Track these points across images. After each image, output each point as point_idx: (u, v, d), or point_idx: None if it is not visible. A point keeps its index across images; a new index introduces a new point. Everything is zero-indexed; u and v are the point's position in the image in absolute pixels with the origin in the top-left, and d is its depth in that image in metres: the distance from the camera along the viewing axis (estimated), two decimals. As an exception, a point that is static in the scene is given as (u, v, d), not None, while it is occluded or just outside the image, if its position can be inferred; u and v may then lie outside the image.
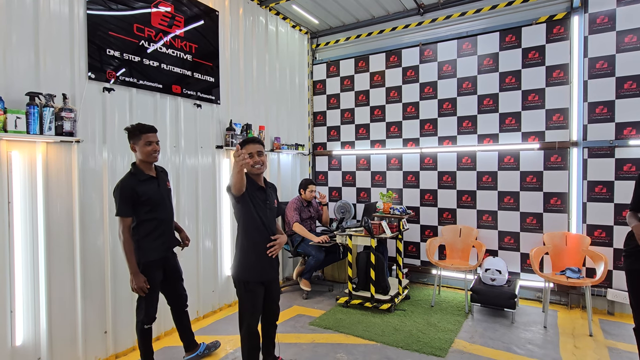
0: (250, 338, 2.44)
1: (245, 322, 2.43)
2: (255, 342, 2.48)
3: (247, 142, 2.45)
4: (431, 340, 3.28)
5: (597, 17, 3.85)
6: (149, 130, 2.57)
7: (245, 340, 2.45)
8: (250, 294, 2.43)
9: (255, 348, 2.48)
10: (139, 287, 2.51)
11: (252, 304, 2.44)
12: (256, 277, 2.44)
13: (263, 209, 2.46)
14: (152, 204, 2.59)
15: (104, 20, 2.96)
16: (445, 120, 4.68)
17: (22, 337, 2.50)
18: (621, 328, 3.52)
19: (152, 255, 2.61)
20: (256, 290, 2.44)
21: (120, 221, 2.50)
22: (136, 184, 2.52)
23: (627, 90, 3.74)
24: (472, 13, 4.50)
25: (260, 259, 2.45)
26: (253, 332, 2.45)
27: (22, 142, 2.49)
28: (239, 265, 2.45)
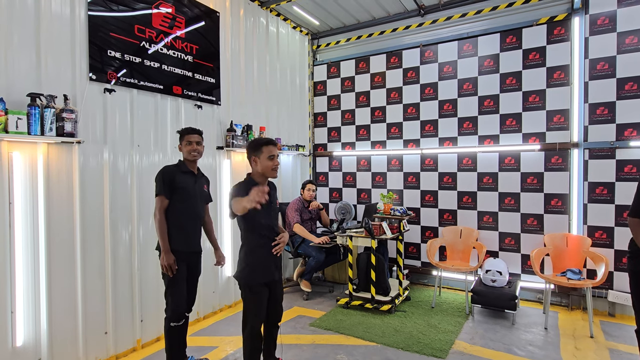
0: (253, 339, 2.44)
1: (249, 324, 2.42)
2: (257, 343, 2.47)
3: (268, 143, 2.40)
4: (431, 341, 3.27)
5: (597, 19, 3.85)
6: (191, 131, 2.79)
7: (248, 342, 2.44)
8: (256, 296, 2.42)
9: (258, 349, 2.48)
10: (168, 264, 2.58)
11: (256, 306, 2.43)
12: (261, 279, 2.43)
13: (267, 211, 2.43)
14: (184, 195, 2.70)
15: (105, 21, 2.96)
16: (446, 121, 4.68)
17: (23, 337, 2.50)
18: (622, 329, 3.52)
19: (175, 245, 2.65)
20: (261, 292, 2.43)
21: (158, 201, 2.64)
22: (177, 172, 2.72)
23: (627, 91, 3.74)
24: (472, 14, 4.50)
25: (265, 260, 2.45)
26: (256, 333, 2.45)
27: (23, 143, 2.49)
28: (244, 268, 2.43)
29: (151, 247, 3.31)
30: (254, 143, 2.43)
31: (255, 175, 2.45)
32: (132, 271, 3.17)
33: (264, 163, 2.37)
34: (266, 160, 2.37)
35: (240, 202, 2.11)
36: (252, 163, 2.44)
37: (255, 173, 2.46)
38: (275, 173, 2.42)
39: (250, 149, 2.43)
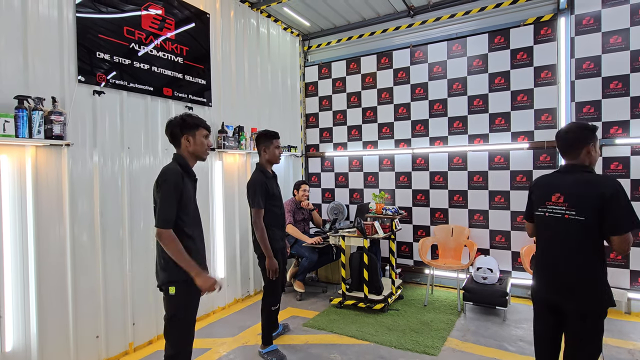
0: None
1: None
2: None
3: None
4: (424, 339, 3.30)
5: (583, 19, 3.92)
6: (277, 136, 3.13)
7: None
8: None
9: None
10: (274, 269, 2.93)
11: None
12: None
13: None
14: (275, 198, 3.06)
15: (93, 23, 2.95)
16: (436, 121, 4.72)
17: (12, 342, 2.47)
18: (610, 324, 3.57)
19: (274, 245, 2.99)
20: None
21: (257, 213, 2.92)
22: (265, 179, 3.01)
23: (613, 90, 3.81)
24: (461, 15, 4.55)
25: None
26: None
27: (10, 146, 2.47)
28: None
29: (142, 250, 3.30)
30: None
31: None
32: (123, 274, 3.15)
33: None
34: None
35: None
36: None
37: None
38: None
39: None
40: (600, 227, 1.82)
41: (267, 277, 3.02)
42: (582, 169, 1.96)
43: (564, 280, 1.92)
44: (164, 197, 1.98)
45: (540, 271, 2.04)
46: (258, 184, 2.94)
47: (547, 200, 1.97)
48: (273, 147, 3.09)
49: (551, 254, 1.97)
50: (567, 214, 1.89)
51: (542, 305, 2.03)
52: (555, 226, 1.94)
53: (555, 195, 1.94)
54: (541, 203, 2.01)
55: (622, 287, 3.81)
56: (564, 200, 1.91)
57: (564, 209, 1.90)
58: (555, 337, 1.99)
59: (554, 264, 1.95)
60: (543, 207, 2.00)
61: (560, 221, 1.92)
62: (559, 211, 1.92)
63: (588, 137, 1.94)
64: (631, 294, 3.76)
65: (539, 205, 2.02)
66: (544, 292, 2.01)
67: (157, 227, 1.97)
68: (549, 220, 1.97)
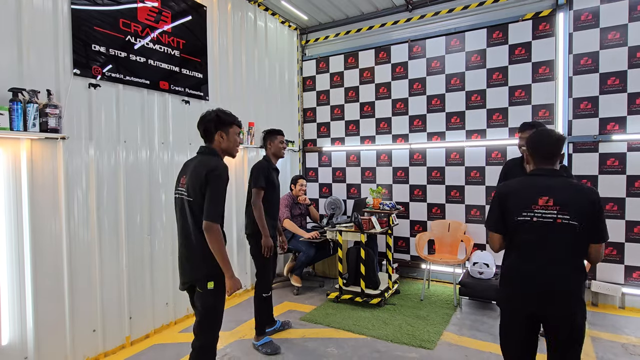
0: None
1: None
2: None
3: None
4: (420, 333, 3.32)
5: (581, 14, 3.91)
6: (281, 132, 3.35)
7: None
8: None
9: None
10: (270, 246, 3.05)
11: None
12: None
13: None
14: (274, 188, 3.20)
15: (89, 15, 2.91)
16: (434, 116, 4.72)
17: (8, 336, 2.47)
18: (605, 319, 3.61)
19: (271, 230, 3.13)
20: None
21: (257, 192, 3.08)
22: (270, 167, 3.20)
23: (610, 86, 3.82)
24: (459, 10, 4.53)
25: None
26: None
27: (5, 139, 2.44)
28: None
29: (139, 243, 3.29)
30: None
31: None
32: (119, 268, 3.14)
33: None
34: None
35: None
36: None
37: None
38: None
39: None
40: (586, 233, 1.79)
41: (260, 263, 3.15)
42: (563, 174, 1.90)
43: (551, 287, 1.80)
44: (219, 192, 2.01)
45: (518, 279, 1.87)
46: (263, 168, 3.15)
47: (533, 203, 1.82)
48: (277, 141, 3.31)
49: (535, 261, 1.83)
50: (560, 218, 1.77)
51: (519, 314, 1.88)
52: (543, 231, 1.80)
53: (543, 199, 1.80)
54: (525, 207, 1.83)
55: (616, 282, 3.84)
56: (554, 204, 1.78)
57: (556, 212, 1.78)
58: (534, 340, 1.92)
59: (539, 270, 1.82)
60: (529, 211, 1.82)
61: (551, 226, 1.79)
62: (550, 215, 1.78)
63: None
64: (625, 288, 3.79)
65: (524, 210, 1.83)
66: (522, 302, 1.86)
67: (209, 220, 1.97)
68: (536, 225, 1.81)
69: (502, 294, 1.98)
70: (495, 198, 1.96)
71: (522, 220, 1.84)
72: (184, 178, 2.16)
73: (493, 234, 1.97)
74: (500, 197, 1.94)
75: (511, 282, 1.91)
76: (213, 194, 1.99)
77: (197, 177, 2.04)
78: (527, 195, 1.85)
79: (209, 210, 1.98)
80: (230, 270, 2.06)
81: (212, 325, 2.16)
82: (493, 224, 1.95)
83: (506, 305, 1.96)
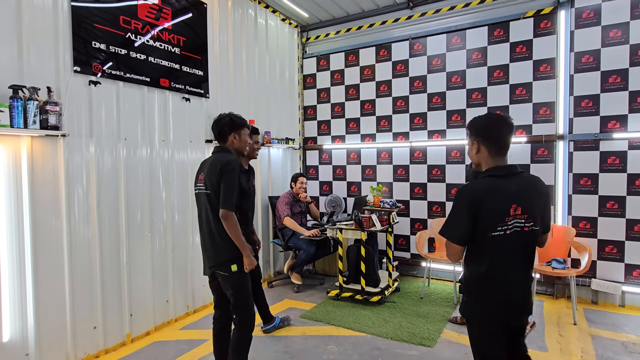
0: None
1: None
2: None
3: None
4: (420, 331, 3.33)
5: (583, 12, 3.90)
6: (255, 131, 2.98)
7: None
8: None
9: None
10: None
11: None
12: None
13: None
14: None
15: (89, 12, 2.91)
16: (435, 114, 4.71)
17: (9, 333, 2.48)
18: (604, 317, 3.62)
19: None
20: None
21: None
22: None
23: (611, 84, 3.81)
24: (461, 7, 4.52)
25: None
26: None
27: (5, 136, 2.44)
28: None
29: (139, 240, 3.29)
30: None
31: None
32: (120, 265, 3.15)
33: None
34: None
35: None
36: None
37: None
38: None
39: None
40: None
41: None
42: (517, 171, 1.72)
43: (527, 295, 1.74)
44: (231, 183, 2.24)
45: (497, 292, 1.71)
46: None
47: (507, 216, 1.63)
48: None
49: (510, 271, 1.70)
50: (527, 226, 1.66)
51: (499, 328, 1.74)
52: (514, 241, 1.66)
53: (512, 208, 1.63)
54: (500, 220, 1.63)
55: (616, 280, 3.84)
56: (522, 212, 1.64)
57: (523, 221, 1.65)
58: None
59: (517, 281, 1.72)
60: (503, 224, 1.63)
61: (520, 235, 1.66)
62: (519, 224, 1.65)
63: None
64: (625, 287, 3.80)
65: (498, 224, 1.63)
66: (504, 315, 1.74)
67: (225, 208, 2.21)
68: (510, 237, 1.65)
69: (479, 310, 1.76)
70: (462, 206, 1.67)
71: (497, 234, 1.64)
72: (201, 175, 2.39)
73: (454, 245, 1.68)
74: (469, 207, 1.65)
75: (486, 296, 1.73)
76: (227, 185, 2.23)
77: (213, 171, 2.27)
78: (501, 206, 1.64)
79: (224, 200, 2.22)
80: (247, 250, 2.32)
81: (244, 301, 2.40)
82: (459, 237, 1.67)
83: (483, 322, 1.76)
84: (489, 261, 1.68)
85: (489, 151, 1.71)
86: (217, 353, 2.54)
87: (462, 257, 1.74)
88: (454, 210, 1.71)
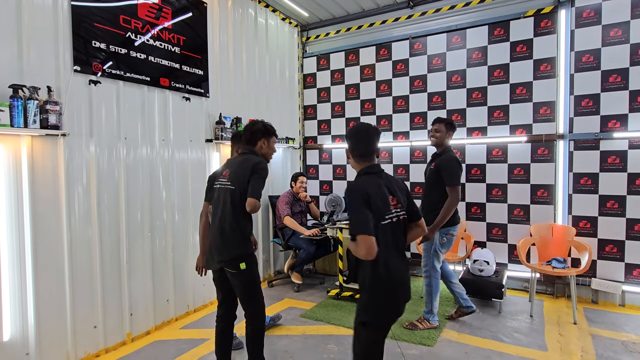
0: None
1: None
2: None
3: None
4: (421, 330, 3.32)
5: (583, 11, 3.89)
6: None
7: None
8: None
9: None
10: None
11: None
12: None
13: None
14: None
15: (89, 11, 2.90)
16: (435, 113, 4.69)
17: (10, 332, 2.48)
18: (604, 316, 3.62)
19: None
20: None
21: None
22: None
23: (611, 83, 3.80)
24: (461, 6, 4.51)
25: None
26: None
27: (6, 136, 2.44)
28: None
29: (139, 240, 3.29)
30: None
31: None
32: (120, 264, 3.15)
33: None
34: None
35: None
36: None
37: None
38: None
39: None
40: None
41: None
42: (382, 169, 1.98)
43: (408, 285, 1.93)
44: (261, 179, 2.38)
45: (393, 287, 1.82)
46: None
47: (390, 204, 1.84)
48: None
49: (397, 264, 1.82)
50: (401, 214, 1.88)
51: (387, 325, 1.89)
52: (394, 232, 1.83)
53: (390, 198, 1.85)
54: (387, 210, 1.80)
55: (616, 279, 3.84)
56: (397, 202, 1.87)
57: (399, 210, 1.87)
58: None
59: (402, 271, 1.85)
60: (389, 213, 1.82)
61: (397, 224, 1.84)
62: (397, 214, 1.86)
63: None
64: (625, 286, 3.80)
65: (385, 213, 1.79)
66: (398, 310, 1.88)
67: (255, 197, 2.31)
68: (394, 225, 1.82)
69: (375, 307, 1.83)
70: (360, 201, 1.76)
71: (385, 224, 1.79)
72: (226, 172, 2.49)
73: (368, 237, 1.68)
74: (364, 200, 1.76)
75: (385, 293, 1.81)
76: (257, 181, 2.35)
77: (244, 169, 2.39)
78: (384, 197, 1.83)
79: (254, 191, 2.32)
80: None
81: (254, 297, 2.47)
82: (368, 227, 1.69)
83: (379, 322, 1.85)
84: (382, 250, 1.76)
85: (359, 155, 1.95)
86: (219, 351, 2.56)
87: (377, 248, 1.72)
88: (354, 209, 1.78)
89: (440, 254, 3.35)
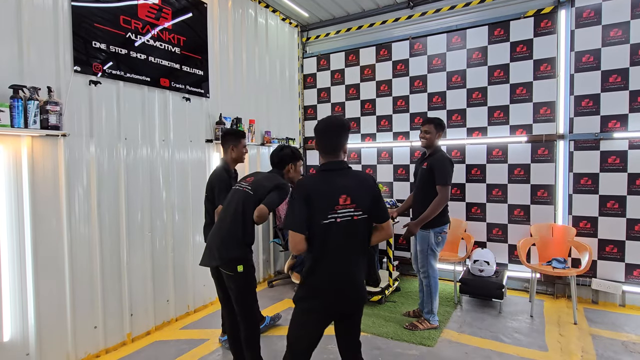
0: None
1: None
2: None
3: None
4: (421, 330, 3.32)
5: (583, 11, 3.89)
6: (244, 135, 3.13)
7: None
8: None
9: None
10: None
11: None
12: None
13: None
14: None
15: (89, 11, 2.91)
16: (435, 113, 4.69)
17: (10, 333, 2.48)
18: (604, 316, 3.62)
19: None
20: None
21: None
22: (229, 178, 2.98)
23: (612, 83, 3.80)
24: (461, 7, 4.52)
25: None
26: None
27: (6, 136, 2.44)
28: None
29: (140, 240, 3.30)
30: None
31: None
32: (120, 265, 3.15)
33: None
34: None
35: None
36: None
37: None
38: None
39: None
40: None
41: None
42: (347, 166, 1.96)
43: (359, 285, 1.92)
44: (280, 197, 2.43)
45: (331, 284, 1.86)
46: (224, 180, 2.91)
47: (336, 204, 1.82)
48: (241, 145, 3.05)
49: (343, 262, 1.87)
50: (356, 215, 1.85)
51: (327, 315, 1.92)
52: (345, 231, 1.83)
53: (342, 198, 1.83)
54: (330, 209, 1.81)
55: (617, 280, 3.84)
56: (351, 202, 1.84)
57: (353, 210, 1.84)
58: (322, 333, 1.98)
59: (349, 271, 1.88)
60: (333, 212, 1.82)
61: (350, 224, 1.84)
62: (349, 213, 1.84)
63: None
64: (626, 286, 3.79)
65: (328, 212, 1.81)
66: (337, 304, 1.90)
67: (267, 207, 2.35)
68: (340, 226, 1.82)
69: (309, 296, 1.91)
70: (298, 198, 1.84)
71: (327, 222, 1.81)
72: (251, 178, 2.57)
73: (296, 234, 1.80)
74: (304, 198, 1.83)
75: (319, 287, 1.88)
76: (276, 195, 2.41)
77: (268, 182, 2.45)
78: (330, 196, 1.84)
79: (268, 201, 2.37)
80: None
81: (247, 300, 2.48)
82: (299, 225, 1.80)
83: (313, 311, 1.91)
84: (322, 250, 1.84)
85: (321, 150, 1.96)
86: (233, 349, 2.61)
87: (305, 246, 1.83)
88: (291, 205, 1.87)
89: (437, 253, 3.35)
